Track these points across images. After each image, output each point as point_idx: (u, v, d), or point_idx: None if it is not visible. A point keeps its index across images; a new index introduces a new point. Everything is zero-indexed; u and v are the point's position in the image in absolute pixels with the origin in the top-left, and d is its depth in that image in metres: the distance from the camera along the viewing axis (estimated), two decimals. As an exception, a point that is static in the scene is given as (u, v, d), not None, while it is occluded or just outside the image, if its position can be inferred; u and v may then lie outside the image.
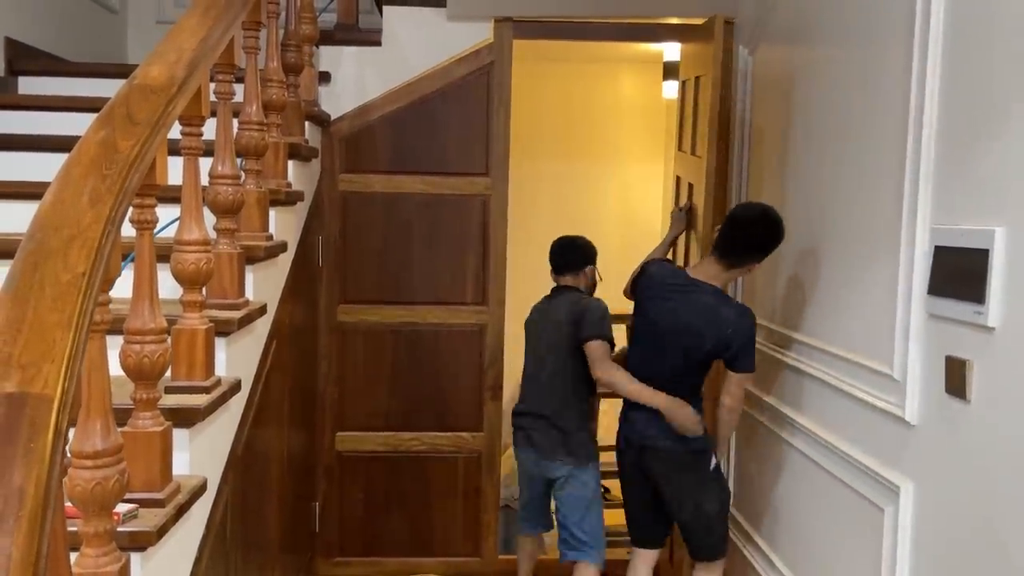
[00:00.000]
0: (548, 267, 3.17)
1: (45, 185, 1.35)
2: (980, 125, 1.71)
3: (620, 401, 2.90)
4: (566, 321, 2.97)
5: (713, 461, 2.73)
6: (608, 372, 2.80)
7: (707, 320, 2.60)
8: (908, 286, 1.93)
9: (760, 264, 2.67)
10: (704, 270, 2.69)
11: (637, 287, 2.84)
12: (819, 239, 2.53)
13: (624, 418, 2.83)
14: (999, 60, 1.66)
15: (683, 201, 3.51)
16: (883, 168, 2.08)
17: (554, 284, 3.17)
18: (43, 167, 1.92)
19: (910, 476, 1.94)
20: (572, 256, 3.13)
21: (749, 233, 2.61)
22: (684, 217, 3.35)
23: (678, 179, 3.76)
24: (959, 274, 1.73)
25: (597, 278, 3.17)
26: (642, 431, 2.72)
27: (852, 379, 2.23)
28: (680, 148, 3.72)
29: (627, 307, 2.96)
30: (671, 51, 4.53)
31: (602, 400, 4.10)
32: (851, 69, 2.33)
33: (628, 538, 2.94)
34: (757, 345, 2.67)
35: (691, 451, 2.68)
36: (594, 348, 2.86)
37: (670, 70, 4.64)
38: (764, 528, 2.92)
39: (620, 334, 2.99)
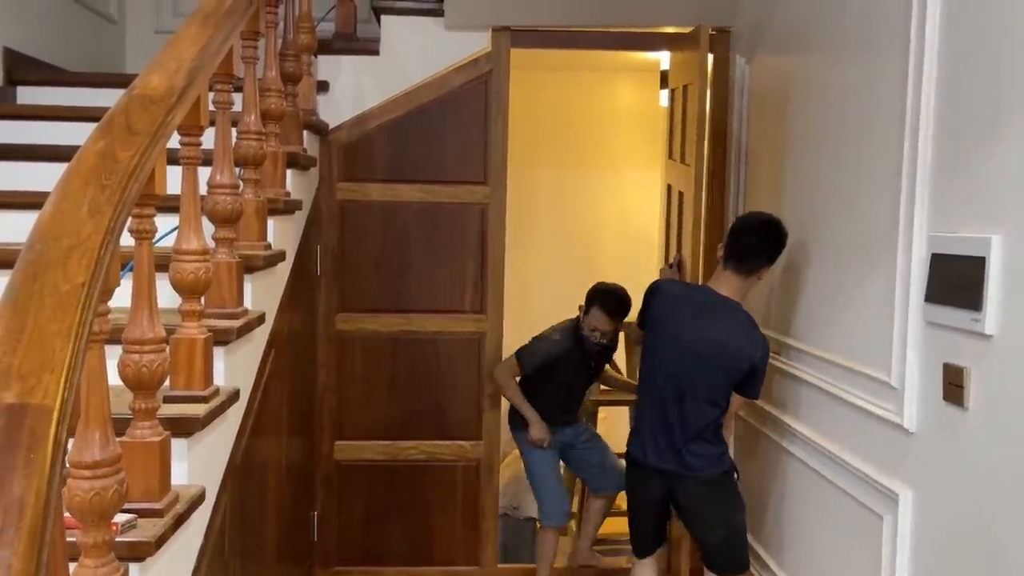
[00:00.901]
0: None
1: (44, 195, 1.35)
2: (976, 132, 1.72)
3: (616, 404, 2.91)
4: None
5: (736, 476, 2.73)
6: (498, 374, 3.46)
7: (745, 341, 2.56)
8: (905, 293, 1.94)
9: (768, 271, 2.64)
10: (725, 285, 2.62)
11: (651, 306, 2.74)
12: (816, 246, 2.54)
13: (651, 443, 2.67)
14: (995, 67, 1.66)
15: (675, 210, 3.52)
16: (880, 175, 2.08)
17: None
18: (42, 177, 1.93)
19: (909, 484, 1.94)
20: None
21: (760, 238, 2.60)
22: (676, 272, 3.30)
23: (669, 187, 3.77)
24: (956, 282, 1.73)
25: (583, 326, 3.39)
26: (685, 463, 2.60)
27: (850, 386, 2.23)
28: (671, 156, 3.73)
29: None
30: (668, 60, 4.53)
31: (600, 407, 4.12)
32: (847, 76, 2.34)
33: (628, 545, 2.91)
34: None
35: (724, 471, 2.65)
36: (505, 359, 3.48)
37: (667, 79, 4.65)
38: (764, 536, 2.92)
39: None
